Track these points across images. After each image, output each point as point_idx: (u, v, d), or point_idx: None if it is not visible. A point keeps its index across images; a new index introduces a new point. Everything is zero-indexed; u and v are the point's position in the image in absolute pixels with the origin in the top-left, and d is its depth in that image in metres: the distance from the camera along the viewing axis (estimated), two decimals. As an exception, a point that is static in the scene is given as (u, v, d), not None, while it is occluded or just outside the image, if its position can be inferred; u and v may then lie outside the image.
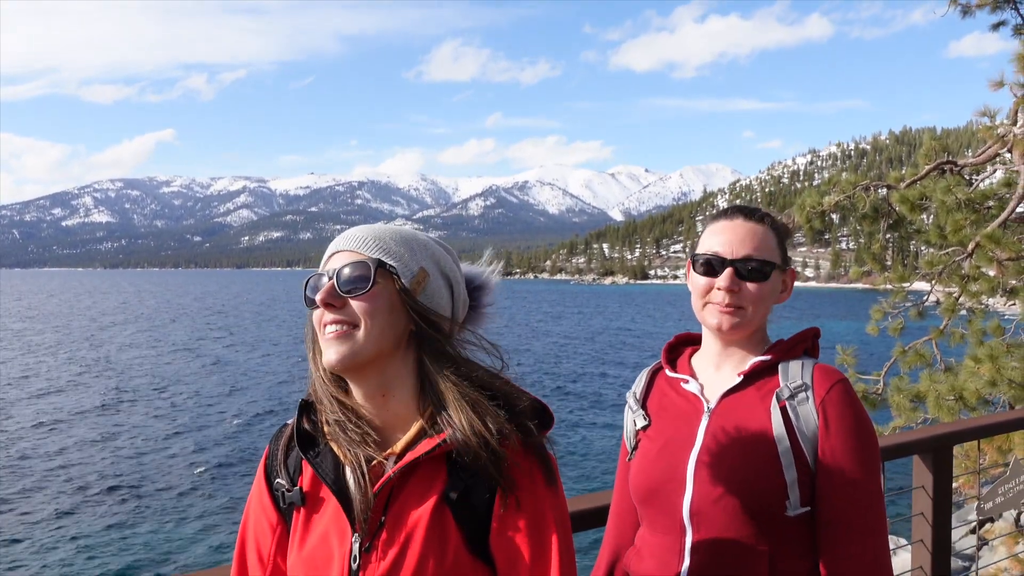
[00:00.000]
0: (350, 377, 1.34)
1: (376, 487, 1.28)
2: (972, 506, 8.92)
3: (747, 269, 1.66)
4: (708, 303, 1.70)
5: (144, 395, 30.83)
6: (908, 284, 8.50)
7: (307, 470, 1.38)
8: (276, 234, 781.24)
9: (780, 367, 1.66)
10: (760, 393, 1.65)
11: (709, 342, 1.77)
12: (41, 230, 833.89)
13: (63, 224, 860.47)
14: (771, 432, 1.59)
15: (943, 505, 3.14)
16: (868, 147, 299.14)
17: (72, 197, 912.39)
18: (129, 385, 33.36)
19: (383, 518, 1.28)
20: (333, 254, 1.34)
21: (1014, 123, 7.33)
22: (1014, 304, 8.53)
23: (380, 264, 1.30)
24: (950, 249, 7.71)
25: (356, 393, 1.35)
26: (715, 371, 1.75)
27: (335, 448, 1.33)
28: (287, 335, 58.05)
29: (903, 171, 8.22)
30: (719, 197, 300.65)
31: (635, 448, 1.80)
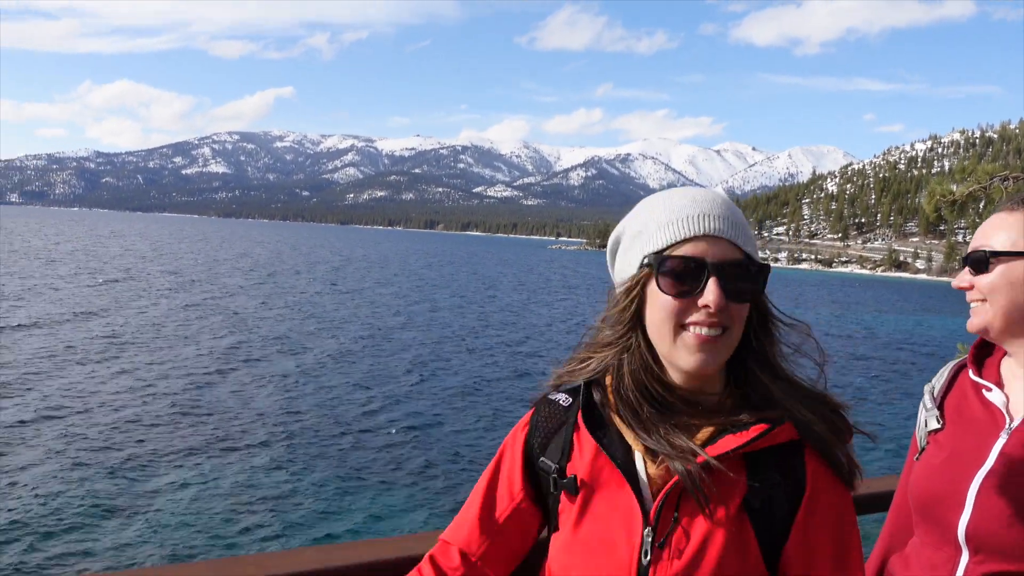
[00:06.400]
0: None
1: (671, 482, 1.18)
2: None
3: (973, 263, 1.51)
4: None
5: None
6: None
7: (583, 452, 1.26)
8: (380, 193, 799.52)
9: None
10: None
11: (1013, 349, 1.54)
12: (163, 177, 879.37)
13: (183, 172, 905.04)
14: None
15: None
16: (995, 135, 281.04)
17: (192, 147, 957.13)
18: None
19: (676, 514, 1.17)
20: (702, 237, 1.17)
21: None
22: None
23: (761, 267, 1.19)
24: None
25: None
26: None
27: (624, 431, 1.24)
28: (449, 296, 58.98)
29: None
30: (828, 180, 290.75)
31: (923, 450, 1.65)
